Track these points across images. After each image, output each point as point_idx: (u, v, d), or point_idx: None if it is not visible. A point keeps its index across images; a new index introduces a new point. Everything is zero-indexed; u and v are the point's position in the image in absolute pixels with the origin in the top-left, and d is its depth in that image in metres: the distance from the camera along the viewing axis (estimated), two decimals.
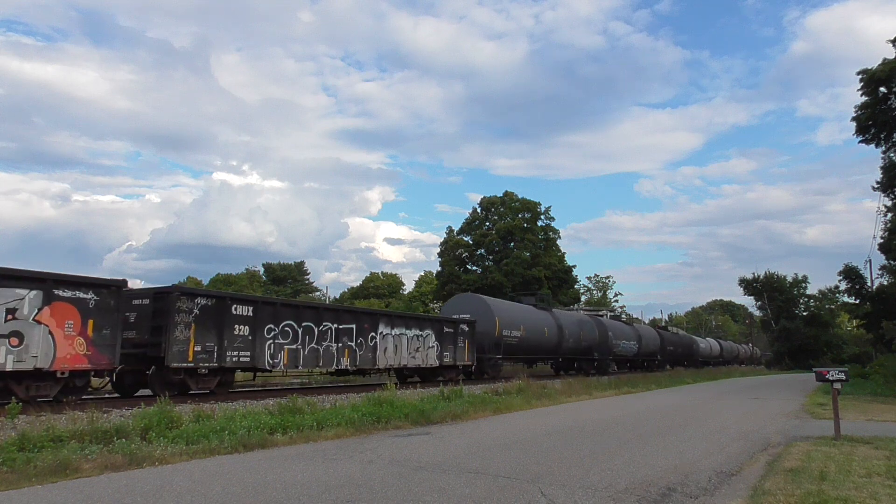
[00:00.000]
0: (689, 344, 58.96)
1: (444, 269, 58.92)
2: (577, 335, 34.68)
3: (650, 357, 46.73)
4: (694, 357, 59.35)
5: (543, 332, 31.16)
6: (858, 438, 10.15)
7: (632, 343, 41.86)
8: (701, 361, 61.05)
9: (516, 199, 59.53)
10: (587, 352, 36.29)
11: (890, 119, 29.18)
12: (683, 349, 55.88)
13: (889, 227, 31.76)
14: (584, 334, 35.69)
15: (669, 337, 53.14)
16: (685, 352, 56.77)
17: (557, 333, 32.53)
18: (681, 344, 55.52)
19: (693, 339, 62.22)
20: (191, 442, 8.67)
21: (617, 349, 39.58)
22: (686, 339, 60.38)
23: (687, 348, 57.43)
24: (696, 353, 60.67)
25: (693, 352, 59.44)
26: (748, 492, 6.43)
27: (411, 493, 6.13)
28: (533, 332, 29.92)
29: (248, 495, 6.00)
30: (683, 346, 56.22)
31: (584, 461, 8.03)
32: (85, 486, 6.40)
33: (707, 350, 67.00)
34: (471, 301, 27.99)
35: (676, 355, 53.85)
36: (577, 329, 35.07)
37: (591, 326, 36.99)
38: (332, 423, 10.68)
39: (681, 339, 57.65)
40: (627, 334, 41.96)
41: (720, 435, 10.99)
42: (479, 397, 16.15)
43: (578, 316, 38.75)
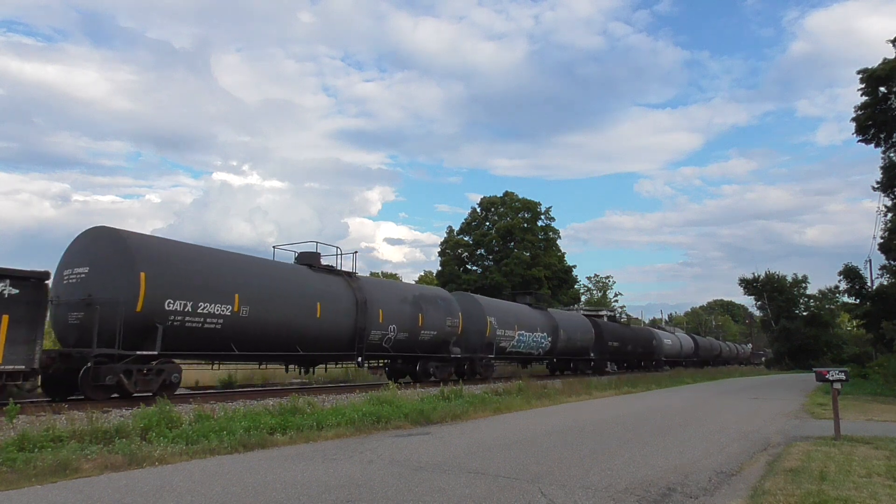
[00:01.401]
0: (646, 339, 47.01)
1: (444, 269, 58.91)
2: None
3: (576, 356, 35.39)
4: (654, 356, 48.56)
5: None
6: (858, 438, 10.15)
7: (538, 336, 29.98)
8: (664, 361, 50.73)
9: (516, 199, 59.52)
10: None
11: (890, 119, 29.18)
12: (637, 345, 44.50)
13: (889, 227, 31.74)
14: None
15: (613, 329, 41.07)
16: (640, 349, 45.30)
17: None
18: (633, 339, 44.02)
19: (652, 333, 49.70)
20: (191, 442, 8.66)
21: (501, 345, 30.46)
22: (641, 333, 48.44)
23: (642, 345, 45.71)
24: (658, 351, 49.21)
25: (652, 349, 47.96)
26: (748, 492, 6.43)
27: (411, 493, 6.13)
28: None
29: (248, 495, 6.00)
30: (637, 342, 44.50)
31: (584, 461, 8.02)
32: (85, 486, 6.40)
33: (674, 347, 54.67)
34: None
35: (625, 354, 43.05)
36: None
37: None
38: (332, 423, 10.68)
39: (633, 333, 46.03)
40: (539, 323, 30.94)
41: (720, 435, 10.98)
42: (479, 397, 16.15)
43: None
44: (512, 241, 57.65)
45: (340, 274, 19.69)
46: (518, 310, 30.09)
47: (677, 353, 55.53)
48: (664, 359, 50.60)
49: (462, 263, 59.24)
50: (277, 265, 18.03)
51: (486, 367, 26.21)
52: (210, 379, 21.38)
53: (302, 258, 19.36)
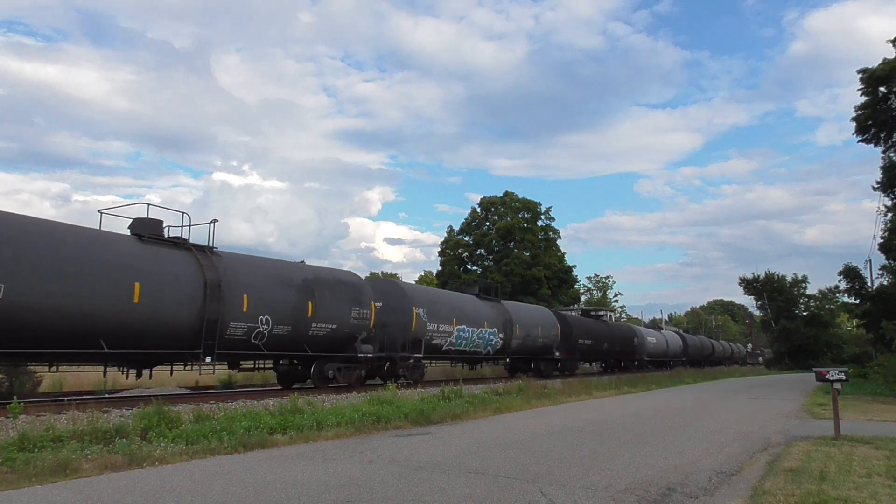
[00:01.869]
0: (625, 337, 42.27)
1: (444, 269, 58.96)
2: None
3: (538, 355, 30.73)
4: (635, 355, 44.02)
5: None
6: (858, 438, 10.15)
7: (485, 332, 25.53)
8: (647, 361, 45.85)
9: (516, 199, 59.56)
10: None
11: (890, 119, 29.18)
12: (615, 343, 39.63)
13: (889, 227, 31.76)
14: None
15: (584, 326, 35.85)
16: (617, 348, 40.29)
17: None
18: (609, 336, 38.95)
19: (633, 331, 45.14)
20: (191, 442, 8.66)
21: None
22: (620, 330, 42.90)
23: (621, 343, 40.92)
24: (639, 351, 44.41)
25: (633, 348, 43.32)
26: (748, 492, 6.43)
27: (411, 493, 6.13)
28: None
29: (248, 495, 6.00)
30: (614, 340, 39.72)
31: (583, 461, 8.02)
32: (85, 486, 6.39)
33: (659, 346, 49.11)
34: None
35: (600, 353, 38.47)
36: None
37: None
38: (332, 423, 10.68)
39: (610, 330, 40.13)
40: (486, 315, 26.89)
41: (720, 435, 10.99)
42: (478, 397, 16.16)
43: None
44: (512, 241, 57.69)
45: (187, 248, 15.04)
46: (457, 300, 24.98)
47: (663, 353, 50.37)
48: (647, 359, 45.49)
49: (462, 263, 59.28)
50: (76, 231, 13.27)
51: (412, 369, 21.60)
52: (210, 379, 21.37)
53: (135, 226, 14.86)
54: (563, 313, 35.48)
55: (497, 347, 26.47)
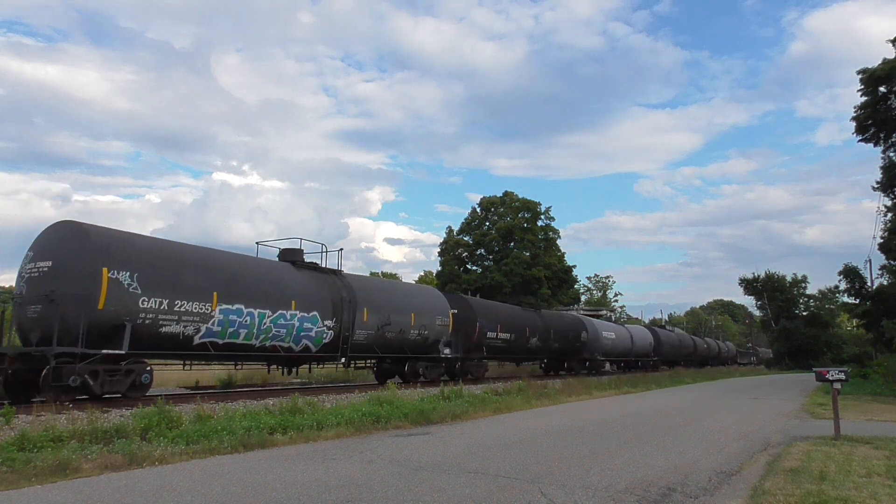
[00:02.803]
0: (569, 330, 33.57)
1: (444, 269, 58.90)
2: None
3: (417, 353, 21.95)
4: (583, 353, 35.05)
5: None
6: (858, 438, 10.14)
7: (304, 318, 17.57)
8: (602, 361, 37.68)
9: (516, 199, 59.53)
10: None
11: (890, 118, 29.20)
12: (551, 339, 30.98)
13: (889, 227, 31.77)
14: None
15: (498, 314, 27.60)
16: (556, 345, 31.75)
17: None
18: (542, 329, 30.26)
19: (581, 324, 35.61)
20: (191, 442, 8.66)
21: None
22: (562, 322, 33.79)
23: (562, 338, 32.43)
24: (590, 348, 35.44)
25: (580, 345, 34.51)
26: (748, 492, 6.43)
27: (411, 493, 6.13)
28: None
29: (248, 495, 6.00)
30: (549, 335, 30.85)
31: (583, 461, 8.02)
32: (85, 485, 6.39)
33: (619, 343, 40.23)
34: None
35: (525, 350, 29.80)
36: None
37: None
38: (332, 423, 10.68)
39: (543, 321, 31.07)
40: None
41: (720, 435, 10.98)
42: (478, 397, 16.16)
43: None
44: (512, 241, 57.65)
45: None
46: (254, 268, 16.82)
47: (625, 351, 41.62)
48: (602, 358, 37.27)
49: (462, 263, 59.24)
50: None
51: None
52: (210, 379, 21.38)
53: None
54: (465, 297, 26.95)
55: (327, 340, 18.17)
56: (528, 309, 32.24)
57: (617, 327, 43.19)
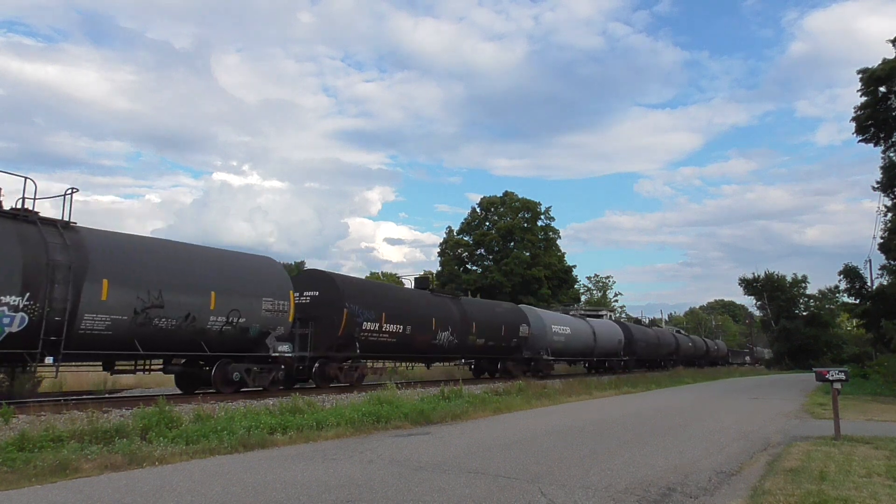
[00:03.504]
0: (502, 323, 26.79)
1: (444, 269, 58.97)
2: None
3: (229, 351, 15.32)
4: (521, 351, 28.08)
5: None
6: (858, 438, 10.15)
7: None
8: (551, 361, 30.16)
9: (516, 199, 59.61)
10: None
11: (890, 118, 29.22)
12: (468, 333, 24.05)
13: (889, 227, 31.76)
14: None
15: (380, 298, 20.26)
16: (482, 340, 25.01)
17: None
18: (458, 322, 23.50)
19: (521, 316, 28.86)
20: (191, 442, 8.66)
21: None
22: (493, 312, 27.07)
23: (493, 334, 25.87)
24: (531, 345, 28.62)
25: (518, 342, 27.67)
26: (748, 492, 6.43)
27: (411, 493, 6.13)
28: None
29: (248, 495, 6.00)
30: (466, 329, 23.91)
31: (583, 461, 8.02)
32: (85, 485, 6.40)
33: (574, 340, 32.61)
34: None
35: (431, 347, 22.21)
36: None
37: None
38: (332, 423, 10.68)
39: (462, 311, 24.24)
40: None
41: (720, 435, 10.99)
42: (478, 397, 16.16)
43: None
44: (512, 241, 57.72)
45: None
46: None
47: (584, 349, 34.56)
48: (550, 357, 29.80)
49: (462, 263, 59.31)
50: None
51: None
52: None
53: None
54: (332, 275, 19.50)
55: None
56: (441, 295, 24.82)
57: (575, 321, 34.99)
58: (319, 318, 17.98)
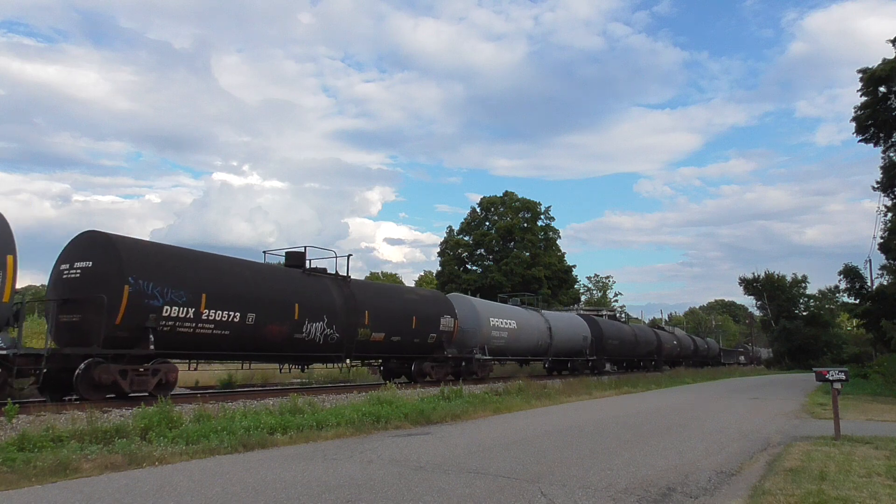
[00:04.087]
0: (417, 314, 21.14)
1: (444, 269, 58.97)
2: None
3: None
4: (442, 350, 22.36)
5: None
6: (858, 438, 10.14)
7: None
8: (486, 362, 25.02)
9: (516, 199, 59.60)
10: None
11: (890, 118, 29.22)
12: (395, 326, 20.21)
13: (889, 227, 31.76)
14: None
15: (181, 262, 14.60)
16: (384, 335, 19.53)
17: None
18: (358, 309, 18.68)
19: (444, 306, 23.19)
20: (191, 442, 8.66)
21: None
22: (395, 299, 21.21)
23: (402, 328, 20.50)
24: (453, 341, 23.06)
25: (441, 340, 22.12)
26: (748, 492, 6.43)
27: (411, 492, 6.13)
28: None
29: (248, 495, 6.00)
30: (388, 319, 19.93)
31: (583, 461, 8.02)
32: (85, 485, 6.39)
33: (518, 336, 27.16)
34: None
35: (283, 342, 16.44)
36: None
37: None
38: (332, 423, 10.68)
39: (347, 294, 18.61)
40: None
41: (720, 435, 10.98)
42: (479, 397, 16.17)
43: None
44: (512, 241, 57.71)
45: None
46: None
47: (536, 348, 29.26)
48: (486, 357, 24.65)
49: (462, 263, 59.30)
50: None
51: None
52: (210, 379, 21.37)
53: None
54: (111, 236, 13.87)
55: None
56: (319, 275, 18.48)
57: (524, 313, 29.30)
58: (89, 300, 12.84)
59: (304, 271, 18.14)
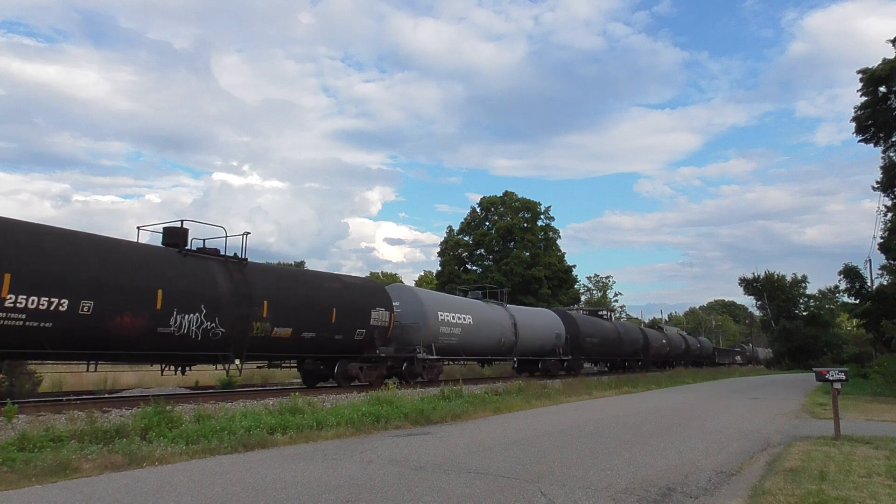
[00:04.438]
0: (337, 303, 17.75)
1: (444, 269, 58.92)
2: None
3: None
4: (369, 347, 18.92)
5: None
6: (858, 438, 10.14)
7: None
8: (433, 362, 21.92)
9: (516, 199, 59.55)
10: None
11: (890, 119, 29.21)
12: (307, 319, 16.79)
13: (889, 226, 31.75)
14: None
15: None
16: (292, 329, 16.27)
17: None
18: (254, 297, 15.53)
19: (374, 294, 19.70)
20: (191, 442, 8.66)
21: None
22: (305, 286, 17.64)
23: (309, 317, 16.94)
24: (396, 339, 20.58)
25: (373, 336, 18.79)
26: (748, 492, 6.43)
27: (411, 492, 6.13)
28: None
29: (248, 495, 6.00)
30: (295, 308, 16.60)
31: (583, 461, 8.02)
32: (85, 485, 6.39)
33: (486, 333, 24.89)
34: None
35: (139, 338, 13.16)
36: None
37: None
38: (332, 423, 10.68)
39: (237, 279, 15.45)
40: None
41: (720, 435, 10.98)
42: (479, 397, 16.17)
43: None
44: (512, 241, 57.66)
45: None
46: None
47: (496, 345, 25.77)
48: (434, 357, 21.72)
49: (462, 263, 59.25)
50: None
51: None
52: (210, 379, 21.36)
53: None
54: None
55: None
56: (205, 256, 15.47)
57: (482, 307, 25.83)
58: None
59: (179, 251, 14.94)
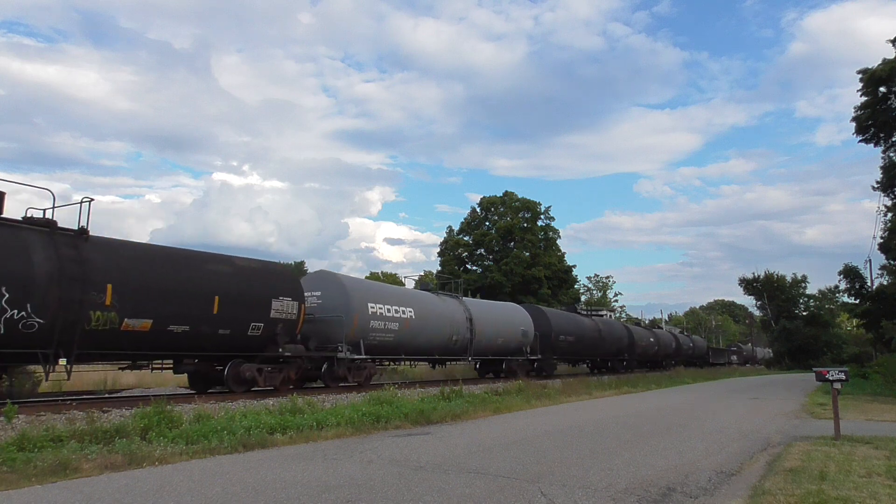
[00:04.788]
0: (228, 295, 14.48)
1: (444, 269, 58.91)
2: None
3: None
4: (263, 345, 15.69)
5: None
6: (858, 438, 10.14)
7: None
8: (362, 363, 18.75)
9: (516, 199, 59.58)
10: None
11: (890, 119, 29.22)
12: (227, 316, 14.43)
13: (889, 226, 31.76)
14: None
15: None
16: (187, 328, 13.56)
17: None
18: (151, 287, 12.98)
19: (280, 283, 16.23)
20: (191, 442, 8.66)
21: None
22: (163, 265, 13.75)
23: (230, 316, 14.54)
24: (314, 333, 17.70)
25: (261, 334, 15.34)
26: (748, 492, 6.43)
27: (411, 492, 6.13)
28: None
29: (247, 495, 6.00)
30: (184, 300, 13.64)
31: (583, 461, 8.02)
32: (85, 485, 6.39)
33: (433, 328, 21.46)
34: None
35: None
36: None
37: None
38: (332, 423, 10.69)
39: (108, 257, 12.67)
40: None
41: (720, 435, 10.98)
42: (478, 397, 16.17)
43: None
44: (512, 241, 57.69)
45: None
46: None
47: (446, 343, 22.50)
48: (362, 357, 18.81)
49: (462, 263, 59.27)
50: None
51: None
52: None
53: None
54: None
55: None
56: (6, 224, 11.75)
57: (429, 299, 22.59)
58: None
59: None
